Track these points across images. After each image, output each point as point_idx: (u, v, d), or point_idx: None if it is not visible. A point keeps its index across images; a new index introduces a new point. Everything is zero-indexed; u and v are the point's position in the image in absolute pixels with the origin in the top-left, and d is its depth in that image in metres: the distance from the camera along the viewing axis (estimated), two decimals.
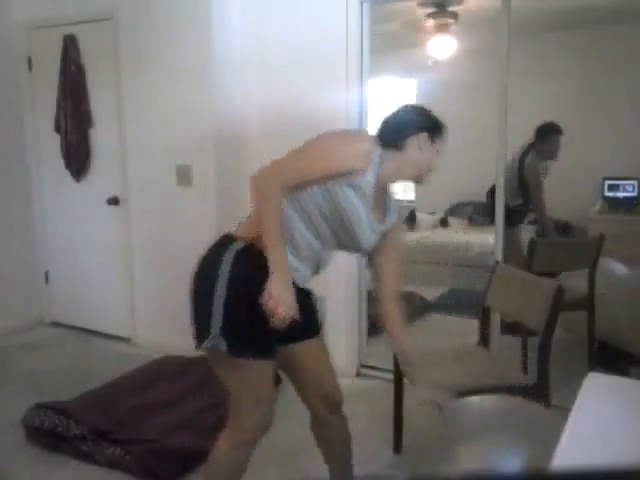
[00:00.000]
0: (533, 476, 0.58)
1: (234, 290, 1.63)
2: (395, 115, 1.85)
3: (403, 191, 7.60)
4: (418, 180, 1.87)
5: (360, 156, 1.70)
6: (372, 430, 2.65)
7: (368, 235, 1.77)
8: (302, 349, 1.89)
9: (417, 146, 1.80)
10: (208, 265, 1.71)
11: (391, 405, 2.57)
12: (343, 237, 1.77)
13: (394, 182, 1.87)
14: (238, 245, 1.68)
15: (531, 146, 4.17)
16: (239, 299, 1.64)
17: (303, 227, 1.73)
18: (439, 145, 1.85)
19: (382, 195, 1.83)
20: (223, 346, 1.61)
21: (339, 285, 3.39)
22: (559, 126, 4.16)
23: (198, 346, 1.67)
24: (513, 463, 1.59)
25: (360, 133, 1.80)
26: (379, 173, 1.74)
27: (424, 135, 1.80)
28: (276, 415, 1.83)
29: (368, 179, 1.71)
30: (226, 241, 1.72)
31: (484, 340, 2.65)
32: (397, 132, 1.80)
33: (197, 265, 1.76)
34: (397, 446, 2.58)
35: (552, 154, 4.19)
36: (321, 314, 2.06)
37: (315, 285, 2.18)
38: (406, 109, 1.86)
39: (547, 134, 4.16)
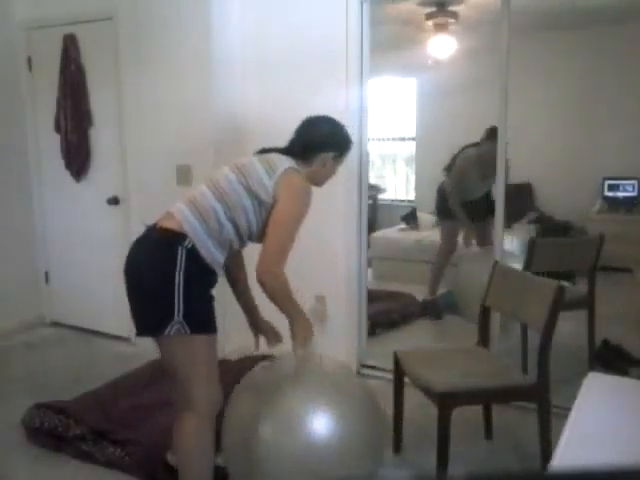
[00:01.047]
0: (533, 476, 0.58)
1: (191, 280, 1.84)
2: (311, 132, 2.11)
3: (405, 191, 7.62)
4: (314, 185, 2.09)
5: (309, 192, 1.99)
6: None
7: None
8: None
9: (322, 163, 2.08)
10: (164, 261, 1.87)
11: (391, 405, 2.57)
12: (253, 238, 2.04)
13: None
14: (187, 244, 1.87)
15: (476, 143, 4.26)
16: (196, 287, 1.87)
17: (235, 237, 1.97)
18: (341, 162, 2.14)
19: None
20: (185, 329, 1.83)
21: (339, 285, 3.39)
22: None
23: (158, 333, 1.85)
24: None
25: (295, 175, 1.99)
26: None
27: (331, 154, 2.07)
28: None
29: None
30: (173, 238, 1.88)
31: (484, 340, 2.65)
32: (309, 149, 2.07)
33: (144, 261, 1.93)
34: (397, 446, 2.58)
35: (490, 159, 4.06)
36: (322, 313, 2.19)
37: (315, 284, 2.18)
38: (322, 127, 2.12)
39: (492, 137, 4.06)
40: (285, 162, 2.00)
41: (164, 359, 1.98)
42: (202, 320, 1.89)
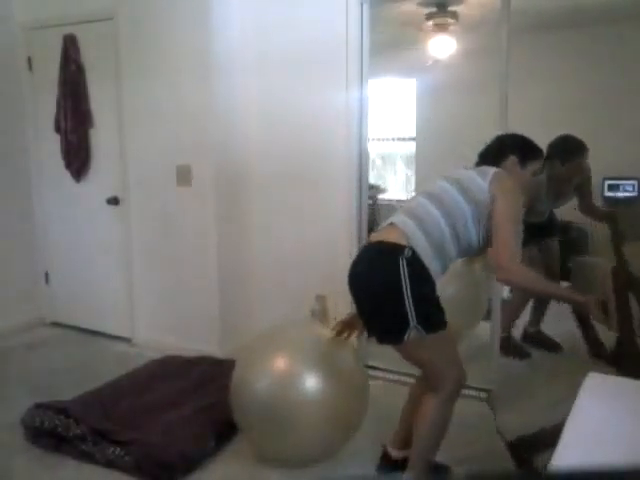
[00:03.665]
0: (534, 476, 0.58)
1: (416, 287, 1.97)
2: (497, 139, 2.34)
3: (405, 191, 7.61)
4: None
5: (519, 190, 2.15)
6: (373, 430, 2.64)
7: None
8: None
9: (509, 168, 2.20)
10: (390, 274, 1.99)
11: (392, 405, 2.56)
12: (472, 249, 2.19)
13: None
14: (407, 253, 1.99)
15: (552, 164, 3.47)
16: (422, 293, 1.99)
17: (451, 244, 2.09)
18: (531, 171, 2.25)
19: None
20: (421, 332, 1.97)
21: (339, 284, 3.38)
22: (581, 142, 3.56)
23: (399, 341, 2.00)
24: None
25: (505, 174, 2.16)
26: None
27: (514, 158, 2.22)
28: None
29: None
30: (393, 251, 2.00)
31: None
32: (497, 154, 2.26)
33: (371, 276, 2.05)
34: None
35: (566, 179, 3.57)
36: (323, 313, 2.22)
37: (316, 284, 2.18)
38: (506, 134, 2.40)
39: (576, 153, 3.57)
40: (492, 168, 2.17)
41: (406, 358, 2.12)
42: (434, 321, 2.02)
